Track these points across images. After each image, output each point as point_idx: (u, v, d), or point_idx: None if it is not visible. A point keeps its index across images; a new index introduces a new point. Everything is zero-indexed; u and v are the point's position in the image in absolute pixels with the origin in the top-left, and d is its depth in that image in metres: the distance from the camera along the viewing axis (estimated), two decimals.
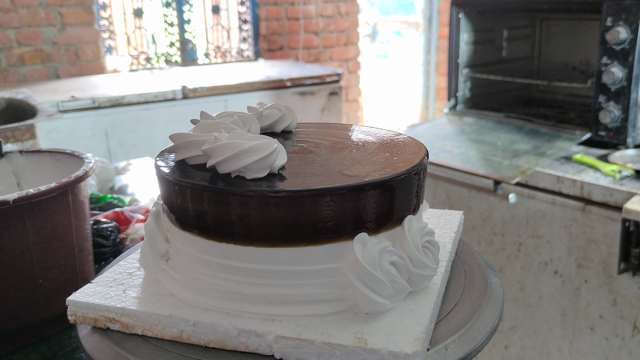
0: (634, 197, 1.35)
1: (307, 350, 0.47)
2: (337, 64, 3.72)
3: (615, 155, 1.56)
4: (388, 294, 0.50)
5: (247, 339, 0.49)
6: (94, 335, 0.54)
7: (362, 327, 0.48)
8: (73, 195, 0.75)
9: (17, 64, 2.72)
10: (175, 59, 3.26)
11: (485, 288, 0.59)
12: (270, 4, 3.42)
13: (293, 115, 0.71)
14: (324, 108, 2.79)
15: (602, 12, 1.56)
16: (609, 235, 1.42)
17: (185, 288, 0.54)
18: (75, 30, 2.82)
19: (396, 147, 0.62)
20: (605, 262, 1.45)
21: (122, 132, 2.29)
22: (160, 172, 0.56)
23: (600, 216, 1.43)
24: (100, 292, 0.56)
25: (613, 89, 1.58)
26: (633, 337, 1.43)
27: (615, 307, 1.46)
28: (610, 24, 1.55)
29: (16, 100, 1.46)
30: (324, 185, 0.50)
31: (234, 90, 2.53)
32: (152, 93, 2.35)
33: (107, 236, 0.98)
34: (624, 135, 1.60)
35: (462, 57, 2.08)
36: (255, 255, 0.51)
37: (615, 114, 1.59)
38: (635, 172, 1.45)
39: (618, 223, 1.39)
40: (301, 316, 0.50)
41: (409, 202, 0.55)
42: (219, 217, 0.51)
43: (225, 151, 0.52)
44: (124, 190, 1.36)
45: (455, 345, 0.50)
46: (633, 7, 1.50)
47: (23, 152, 0.89)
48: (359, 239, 0.51)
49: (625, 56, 1.54)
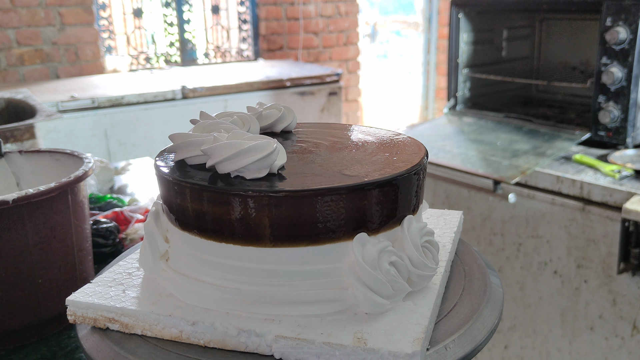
0: (634, 197, 1.35)
1: (306, 350, 0.47)
2: (337, 64, 3.72)
3: (615, 155, 1.56)
4: (388, 294, 0.50)
5: (247, 339, 0.49)
6: (94, 335, 0.54)
7: (361, 327, 0.48)
8: (72, 195, 0.75)
9: (16, 63, 2.72)
10: (174, 59, 3.26)
11: (485, 288, 0.59)
12: (270, 4, 3.42)
13: (293, 115, 0.71)
14: (323, 108, 2.79)
15: (601, 12, 1.56)
16: (608, 235, 1.43)
17: (185, 288, 0.54)
18: (74, 30, 2.82)
19: (396, 147, 0.62)
20: (605, 262, 1.45)
21: (122, 132, 2.29)
22: (159, 172, 0.56)
23: (599, 216, 1.44)
24: (99, 292, 0.56)
25: (613, 89, 1.58)
26: (632, 337, 1.43)
27: (615, 307, 1.46)
28: (609, 24, 1.55)
29: (16, 100, 1.46)
30: (323, 185, 0.50)
31: (233, 90, 2.53)
32: (152, 93, 2.35)
33: (106, 236, 0.98)
34: (623, 135, 1.60)
35: (462, 57, 2.08)
36: (255, 255, 0.51)
37: (614, 114, 1.59)
38: (634, 172, 1.45)
39: (618, 223, 1.39)
40: (301, 316, 0.50)
41: (409, 202, 0.55)
42: (218, 217, 0.51)
43: (224, 151, 0.52)
44: (123, 190, 1.36)
45: (455, 345, 0.50)
46: (633, 7, 1.50)
47: (22, 152, 0.89)
48: (359, 239, 0.51)
49: (625, 56, 1.54)
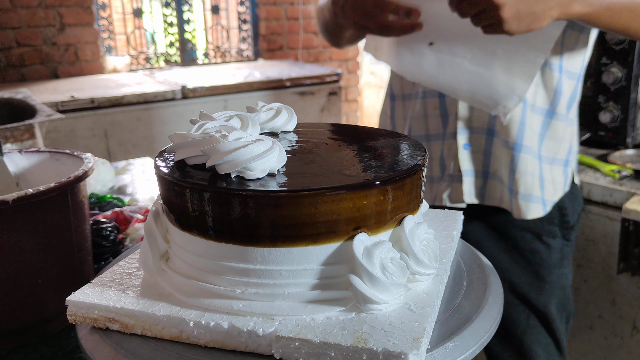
0: (634, 197, 1.35)
1: (306, 350, 0.47)
2: (337, 64, 3.72)
3: (615, 155, 1.56)
4: (388, 294, 0.50)
5: (247, 339, 0.49)
6: (94, 335, 0.54)
7: (361, 327, 0.48)
8: (72, 195, 0.75)
9: (16, 63, 2.72)
10: (174, 59, 3.26)
11: (485, 288, 0.59)
12: (270, 4, 3.42)
13: (293, 115, 0.71)
14: (323, 108, 2.79)
15: None
16: (608, 235, 1.43)
17: (185, 288, 0.54)
18: (74, 30, 2.82)
19: (396, 147, 0.62)
20: (605, 261, 1.45)
21: (122, 132, 2.29)
22: (159, 172, 0.56)
23: (599, 216, 1.44)
24: (99, 292, 0.56)
25: (612, 89, 1.58)
26: (632, 336, 1.44)
27: (615, 306, 1.46)
28: None
29: (15, 100, 1.46)
30: (323, 185, 0.50)
31: (233, 90, 2.53)
32: (152, 93, 2.35)
33: (106, 236, 0.98)
34: (623, 135, 1.60)
35: None
36: (255, 255, 0.51)
37: (614, 114, 1.59)
38: (634, 172, 1.45)
39: (617, 223, 1.39)
40: (301, 316, 0.50)
41: (409, 201, 0.55)
42: (218, 217, 0.51)
43: (224, 151, 0.52)
44: (123, 190, 1.36)
45: (455, 345, 0.50)
46: None
47: (22, 152, 0.89)
48: (359, 239, 0.51)
49: (625, 56, 1.54)
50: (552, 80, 1.06)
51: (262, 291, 0.51)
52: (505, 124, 1.05)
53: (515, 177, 1.07)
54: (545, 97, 1.07)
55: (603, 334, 1.50)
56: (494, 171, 1.11)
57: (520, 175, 1.07)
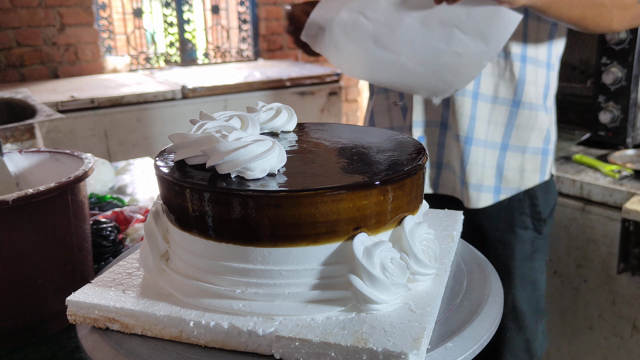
0: (634, 197, 1.35)
1: (306, 350, 0.47)
2: None
3: (615, 155, 1.56)
4: (388, 294, 0.50)
5: (247, 339, 0.49)
6: (94, 335, 0.54)
7: (361, 327, 0.48)
8: (72, 195, 0.75)
9: (16, 63, 2.72)
10: (174, 59, 3.26)
11: (485, 288, 0.59)
12: (270, 4, 3.42)
13: (293, 115, 0.71)
14: (323, 108, 2.79)
15: None
16: (608, 235, 1.43)
17: (185, 288, 0.54)
18: (74, 30, 2.82)
19: (395, 147, 0.62)
20: (605, 262, 1.45)
21: (122, 132, 2.29)
22: (159, 172, 0.56)
23: (599, 216, 1.44)
24: (99, 292, 0.56)
25: (612, 89, 1.58)
26: (632, 336, 1.44)
27: (615, 306, 1.46)
28: None
29: (15, 100, 1.46)
30: (323, 185, 0.50)
31: (233, 90, 2.53)
32: (152, 93, 2.35)
33: (106, 236, 0.98)
34: (623, 135, 1.60)
35: None
36: (255, 255, 0.51)
37: (614, 114, 1.59)
38: (634, 172, 1.45)
39: (617, 223, 1.39)
40: (301, 316, 0.50)
41: (409, 201, 0.55)
42: (218, 217, 0.51)
43: (224, 151, 0.52)
44: (123, 190, 1.36)
45: (455, 345, 0.50)
46: None
47: (22, 152, 0.89)
48: (359, 239, 0.51)
49: (625, 56, 1.54)
50: (514, 70, 1.06)
51: (262, 291, 0.51)
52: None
53: (466, 168, 1.09)
54: (508, 88, 1.07)
55: (603, 334, 1.50)
56: (447, 162, 1.14)
57: (472, 167, 1.09)
